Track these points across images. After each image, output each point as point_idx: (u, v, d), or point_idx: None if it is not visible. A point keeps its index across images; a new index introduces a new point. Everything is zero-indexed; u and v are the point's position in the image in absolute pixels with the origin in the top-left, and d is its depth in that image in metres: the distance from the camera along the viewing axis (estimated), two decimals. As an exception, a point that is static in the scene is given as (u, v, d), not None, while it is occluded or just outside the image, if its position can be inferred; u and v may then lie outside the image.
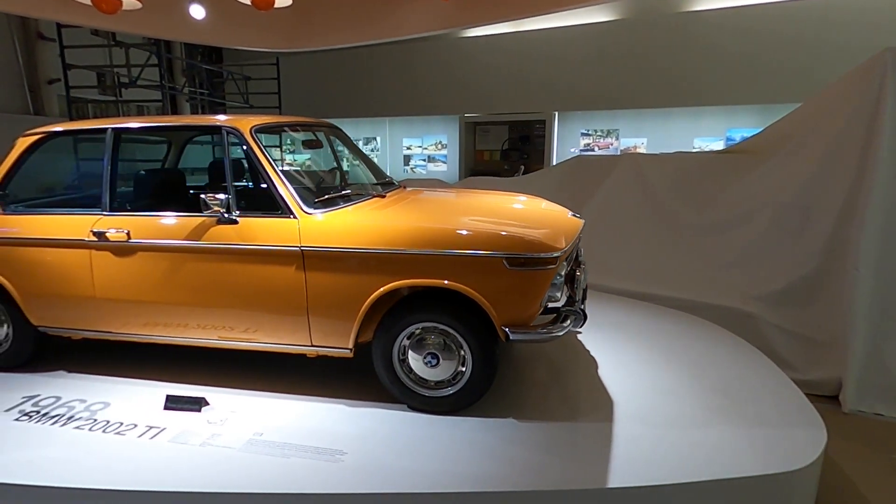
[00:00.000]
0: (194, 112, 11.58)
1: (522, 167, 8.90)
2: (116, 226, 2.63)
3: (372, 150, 10.69)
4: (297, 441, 2.27)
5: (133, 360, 3.08)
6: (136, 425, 2.41)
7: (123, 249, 2.62)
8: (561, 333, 2.36)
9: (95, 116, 9.80)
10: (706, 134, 7.96)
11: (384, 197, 2.94)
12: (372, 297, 2.35)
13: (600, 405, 2.56)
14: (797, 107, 4.32)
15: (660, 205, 4.66)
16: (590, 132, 8.72)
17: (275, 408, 2.56)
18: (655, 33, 7.75)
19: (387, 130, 10.48)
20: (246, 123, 2.65)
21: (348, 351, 2.51)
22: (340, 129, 3.53)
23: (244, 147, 2.60)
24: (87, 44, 8.33)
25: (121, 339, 2.83)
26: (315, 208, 2.51)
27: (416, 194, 3.17)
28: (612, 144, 8.56)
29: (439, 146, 10.05)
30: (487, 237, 2.28)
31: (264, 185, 2.56)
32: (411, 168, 10.37)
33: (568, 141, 8.96)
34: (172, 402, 2.57)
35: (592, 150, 8.59)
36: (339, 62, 10.18)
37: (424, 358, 2.43)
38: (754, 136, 4.82)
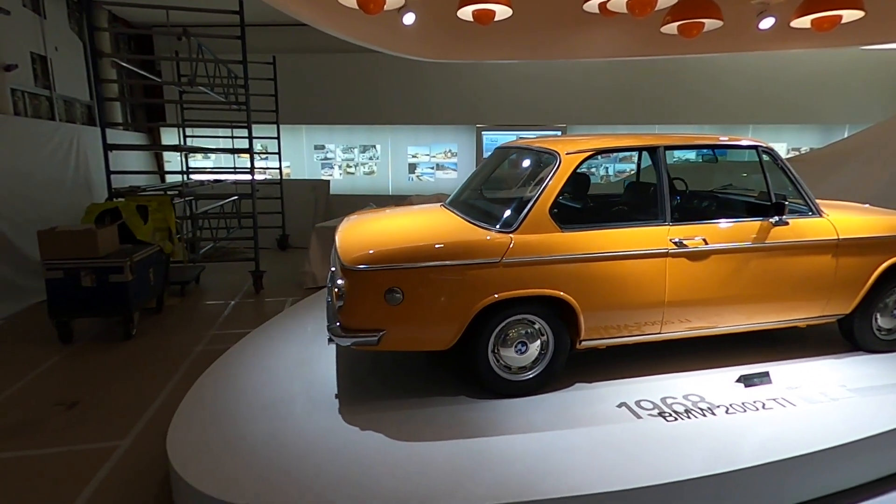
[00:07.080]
0: (124, 114, 9.54)
1: None
2: (691, 234, 2.93)
3: (371, 158, 10.37)
4: (881, 383, 3.02)
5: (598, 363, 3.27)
6: (762, 403, 2.82)
7: (699, 255, 2.94)
8: None
9: (31, 112, 7.39)
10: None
11: None
12: (880, 269, 3.23)
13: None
14: (863, 129, 6.41)
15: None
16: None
17: (799, 369, 3.20)
18: (663, 61, 9.51)
19: (389, 139, 10.30)
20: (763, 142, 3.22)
21: (838, 317, 3.32)
22: None
23: (777, 162, 3.17)
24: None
25: (658, 339, 3.07)
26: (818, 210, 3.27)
27: None
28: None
29: (448, 154, 10.35)
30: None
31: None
32: (417, 176, 10.41)
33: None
34: (748, 380, 3.01)
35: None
36: (339, 66, 9.64)
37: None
38: (816, 150, 6.84)
